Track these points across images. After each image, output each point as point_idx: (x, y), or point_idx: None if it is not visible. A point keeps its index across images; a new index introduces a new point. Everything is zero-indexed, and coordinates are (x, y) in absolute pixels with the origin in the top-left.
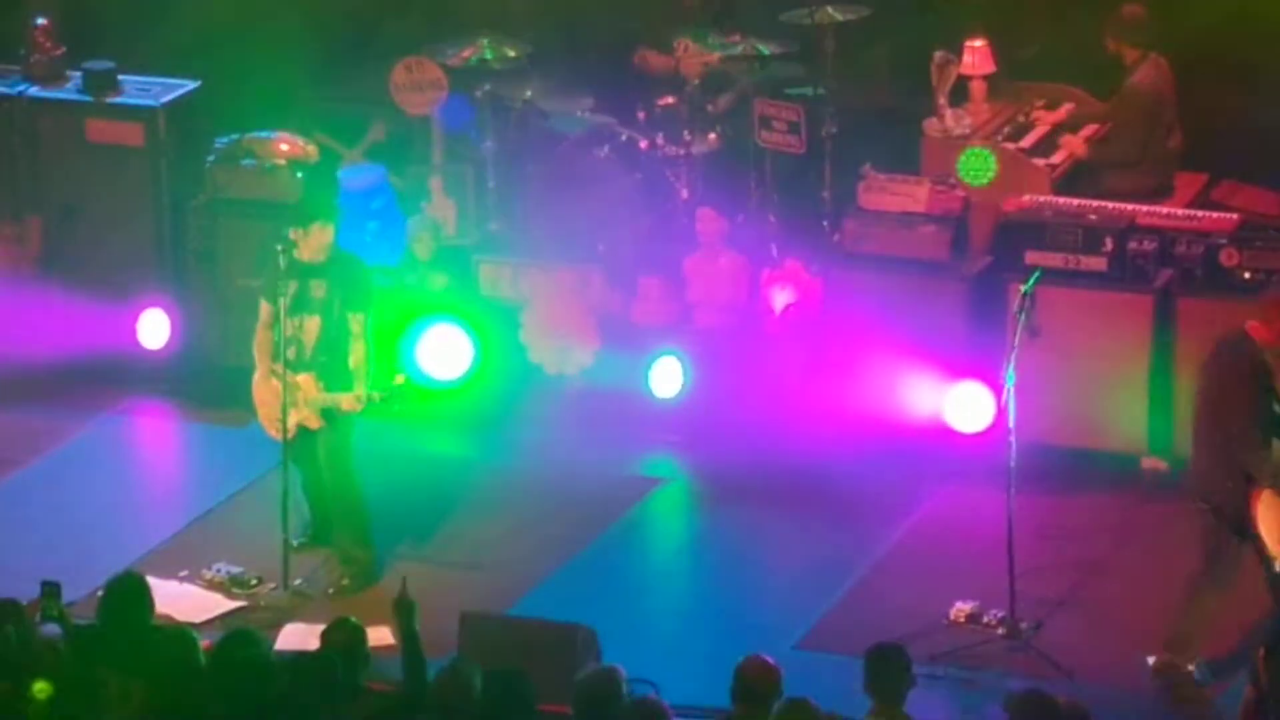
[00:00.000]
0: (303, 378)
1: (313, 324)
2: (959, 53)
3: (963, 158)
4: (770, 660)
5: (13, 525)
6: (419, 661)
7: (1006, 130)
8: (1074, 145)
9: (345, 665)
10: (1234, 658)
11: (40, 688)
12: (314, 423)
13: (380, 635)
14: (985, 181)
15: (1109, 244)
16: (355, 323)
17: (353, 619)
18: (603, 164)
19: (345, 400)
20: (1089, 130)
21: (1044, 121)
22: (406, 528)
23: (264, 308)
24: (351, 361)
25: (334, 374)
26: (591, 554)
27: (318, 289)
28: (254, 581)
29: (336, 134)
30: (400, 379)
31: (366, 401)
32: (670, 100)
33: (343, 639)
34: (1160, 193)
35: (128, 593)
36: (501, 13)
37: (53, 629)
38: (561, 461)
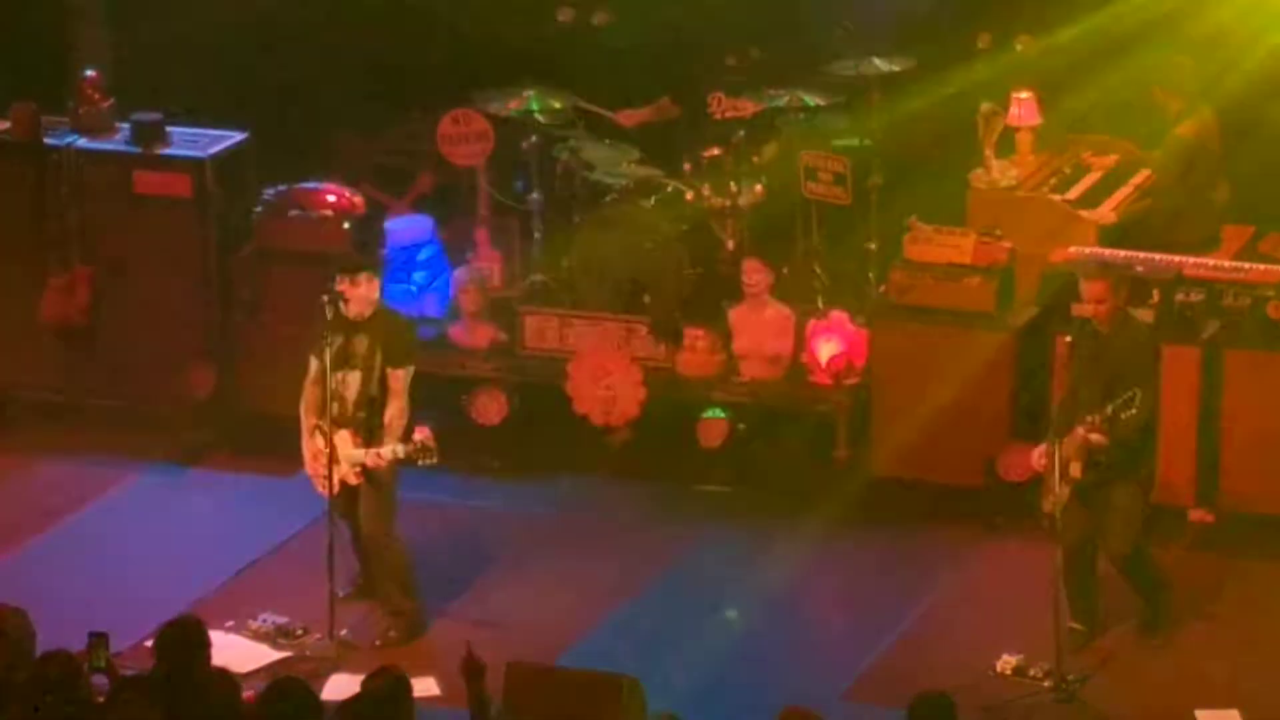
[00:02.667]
0: (341, 434)
1: (353, 379)
2: (1005, 104)
3: None
4: (812, 711)
5: (58, 575)
6: None
7: (1053, 182)
8: (1102, 216)
9: (389, 713)
10: None
11: None
12: (353, 479)
13: (425, 686)
14: None
15: (1156, 295)
16: (395, 379)
17: (396, 667)
18: (648, 215)
19: (369, 457)
20: (1125, 190)
21: (1097, 167)
22: (453, 579)
23: (312, 363)
24: (385, 417)
25: (373, 430)
26: (637, 605)
27: (360, 344)
28: (300, 632)
29: (383, 185)
30: (424, 434)
31: (390, 458)
32: (716, 151)
33: (386, 687)
34: (1207, 244)
35: (186, 637)
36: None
37: (100, 680)
38: (607, 512)
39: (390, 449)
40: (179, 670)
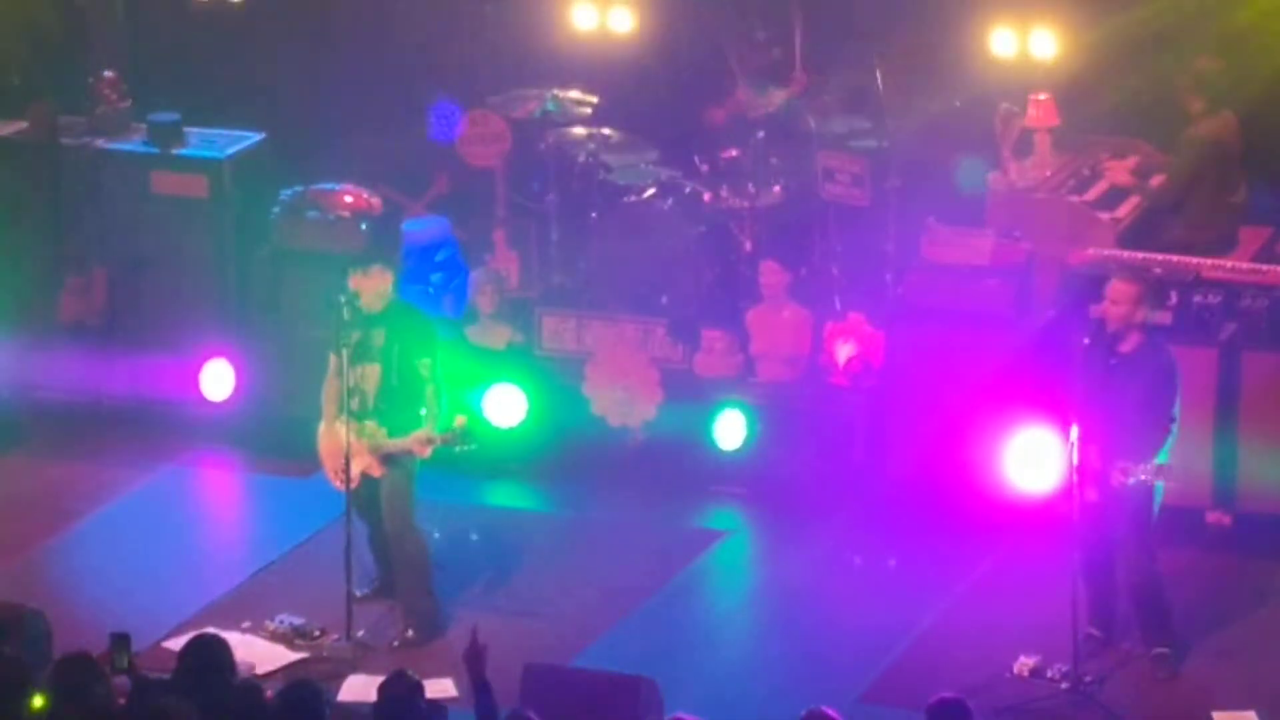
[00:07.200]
0: (368, 426)
1: (373, 372)
2: (1024, 105)
3: None
4: (833, 713)
5: (76, 576)
6: (490, 712)
7: (1071, 183)
8: (1121, 218)
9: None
10: None
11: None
12: (376, 470)
13: (442, 687)
14: None
15: (1174, 297)
16: (423, 367)
17: (410, 672)
18: (666, 216)
19: (416, 444)
20: (1143, 192)
21: (1116, 168)
22: (470, 579)
23: (332, 359)
24: (424, 403)
25: (395, 421)
26: (655, 606)
27: (378, 337)
28: (317, 633)
29: (400, 186)
30: (461, 420)
31: (434, 443)
32: (734, 153)
33: (400, 693)
34: (1224, 246)
35: (209, 656)
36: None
37: (122, 681)
38: (625, 514)
39: (429, 433)
40: (203, 687)
